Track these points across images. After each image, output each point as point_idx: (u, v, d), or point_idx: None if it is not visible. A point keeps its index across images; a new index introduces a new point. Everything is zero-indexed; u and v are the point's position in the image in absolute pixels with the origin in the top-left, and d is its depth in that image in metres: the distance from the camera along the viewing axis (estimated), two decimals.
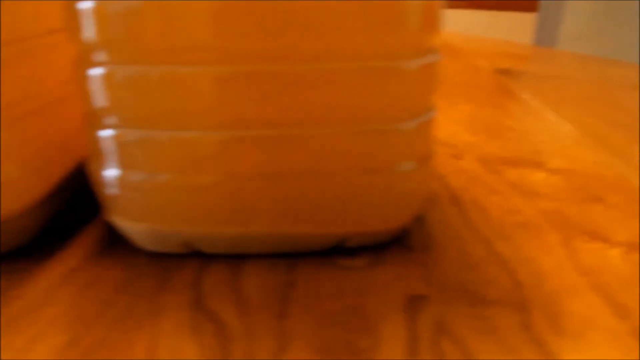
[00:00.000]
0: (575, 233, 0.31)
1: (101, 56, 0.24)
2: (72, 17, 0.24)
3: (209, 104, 0.24)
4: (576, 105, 0.57)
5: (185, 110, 0.24)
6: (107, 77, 0.25)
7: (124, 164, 0.26)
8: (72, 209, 0.34)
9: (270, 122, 0.25)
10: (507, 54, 0.83)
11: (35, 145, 0.29)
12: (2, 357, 0.22)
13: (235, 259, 0.28)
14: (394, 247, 0.29)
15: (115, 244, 0.30)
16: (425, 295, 0.25)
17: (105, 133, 0.26)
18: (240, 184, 0.25)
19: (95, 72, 0.25)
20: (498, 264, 0.28)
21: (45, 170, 0.30)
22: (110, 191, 0.27)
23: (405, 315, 0.24)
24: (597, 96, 0.60)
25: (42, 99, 0.30)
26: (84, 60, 0.25)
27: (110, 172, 0.26)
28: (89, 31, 0.24)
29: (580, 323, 0.23)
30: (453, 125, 0.50)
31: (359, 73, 0.24)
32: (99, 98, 0.25)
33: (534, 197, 0.35)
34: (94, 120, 0.26)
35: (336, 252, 0.29)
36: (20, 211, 0.28)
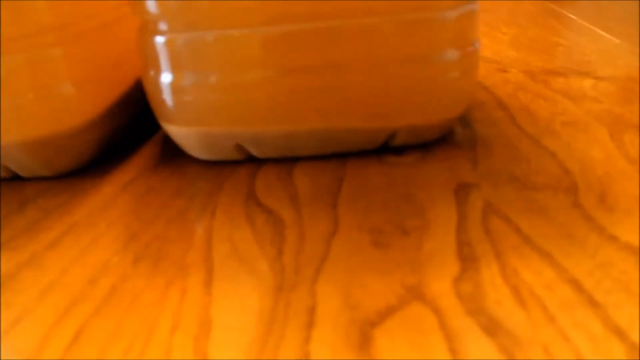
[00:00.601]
0: (624, 128, 0.30)
1: None
2: None
3: (254, 1, 0.25)
4: (627, 21, 0.55)
5: (231, 9, 0.25)
6: None
7: (175, 68, 0.27)
8: (130, 130, 0.35)
9: (316, 14, 0.25)
10: None
11: (91, 63, 0.30)
12: (69, 254, 0.23)
13: (286, 162, 0.29)
14: (442, 145, 0.29)
15: (171, 157, 0.31)
16: (474, 183, 0.26)
17: (158, 40, 0.26)
18: (289, 79, 0.26)
19: None
20: (546, 156, 0.28)
21: (101, 89, 0.31)
22: (164, 97, 0.28)
23: (454, 200, 0.24)
24: None
25: (97, 19, 0.31)
26: None
27: (164, 78, 0.27)
28: None
29: (630, 201, 0.23)
30: (496, 44, 0.49)
31: None
32: (150, 5, 0.26)
33: (581, 100, 0.35)
34: (147, 29, 0.27)
35: (384, 151, 0.29)
36: (79, 127, 0.29)
